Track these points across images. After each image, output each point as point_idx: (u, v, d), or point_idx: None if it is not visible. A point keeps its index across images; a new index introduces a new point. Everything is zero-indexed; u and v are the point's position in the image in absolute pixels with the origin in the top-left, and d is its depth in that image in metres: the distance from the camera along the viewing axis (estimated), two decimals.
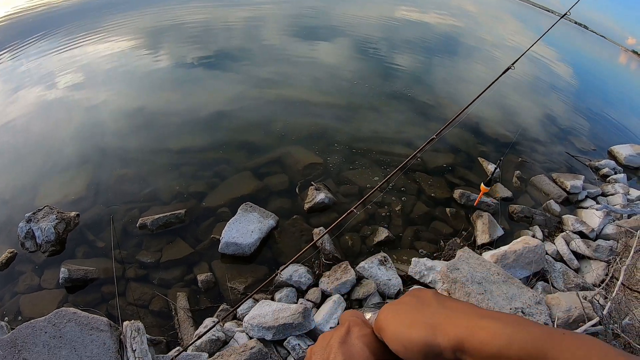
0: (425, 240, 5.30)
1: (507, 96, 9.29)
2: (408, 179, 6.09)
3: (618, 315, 3.76)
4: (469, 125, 7.63)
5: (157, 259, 4.66)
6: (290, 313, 3.73)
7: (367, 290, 4.29)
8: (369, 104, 7.94)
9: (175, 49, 9.54)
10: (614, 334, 3.64)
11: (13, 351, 3.26)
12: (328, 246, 4.80)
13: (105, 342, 3.45)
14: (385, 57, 10.56)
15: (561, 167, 7.06)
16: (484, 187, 4.91)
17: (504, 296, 3.75)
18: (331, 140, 6.66)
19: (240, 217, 4.93)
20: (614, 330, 3.64)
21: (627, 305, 3.92)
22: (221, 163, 6.00)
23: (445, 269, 4.03)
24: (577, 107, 9.79)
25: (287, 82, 8.36)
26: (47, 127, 6.68)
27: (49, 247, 4.64)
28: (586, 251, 5.07)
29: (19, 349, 3.27)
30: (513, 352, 0.55)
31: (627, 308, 3.87)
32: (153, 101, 7.38)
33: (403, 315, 0.71)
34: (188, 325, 4.03)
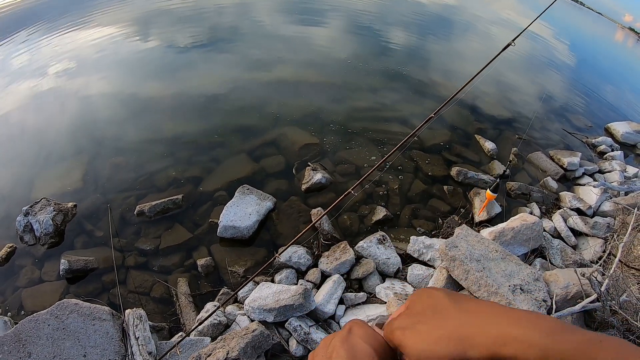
0: (424, 219, 5.30)
1: (504, 74, 9.23)
2: (405, 157, 6.07)
3: (616, 292, 3.79)
4: (466, 102, 7.60)
5: (156, 246, 4.66)
6: (290, 294, 3.74)
7: (366, 270, 4.31)
8: (364, 83, 7.89)
9: (166, 33, 9.42)
10: (612, 310, 3.67)
11: (18, 346, 3.28)
12: (326, 226, 4.80)
13: (108, 331, 3.47)
14: (380, 35, 10.46)
15: (558, 144, 7.05)
16: (490, 193, 4.88)
17: (502, 273, 3.77)
18: (327, 120, 6.62)
19: (238, 200, 4.92)
20: (612, 307, 3.67)
21: (624, 282, 3.95)
22: (216, 147, 5.96)
23: (444, 246, 4.03)
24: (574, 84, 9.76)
25: (281, 62, 8.28)
26: (40, 119, 6.62)
27: (48, 240, 4.63)
28: (583, 228, 5.08)
29: (24, 343, 3.29)
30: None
31: (624, 285, 3.90)
32: (145, 88, 7.30)
33: (424, 330, 0.68)
34: (190, 311, 4.05)
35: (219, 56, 8.47)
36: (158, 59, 8.32)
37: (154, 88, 7.29)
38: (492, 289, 3.62)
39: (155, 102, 6.90)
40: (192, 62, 8.19)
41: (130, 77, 7.72)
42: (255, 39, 9.37)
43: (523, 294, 3.59)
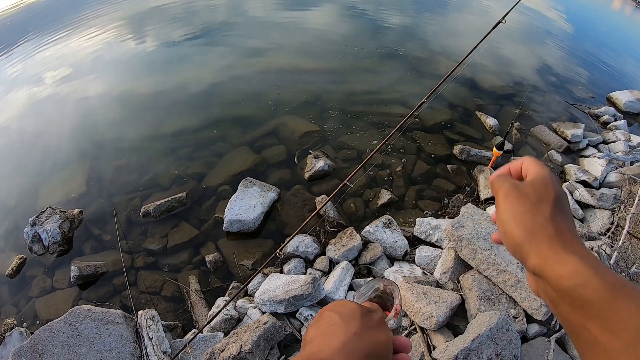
0: (429, 199, 5.29)
1: (502, 48, 9.13)
2: (407, 139, 6.04)
3: (625, 264, 3.77)
4: (465, 80, 7.53)
5: (164, 245, 4.69)
6: (299, 284, 3.75)
7: (374, 254, 4.31)
8: (361, 65, 7.82)
9: (158, 31, 9.34)
10: None
11: (34, 356, 3.32)
12: (332, 213, 4.79)
13: (122, 334, 3.49)
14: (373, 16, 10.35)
15: (561, 117, 6.97)
16: (497, 150, 4.85)
17: None
18: (326, 106, 6.58)
19: (242, 194, 4.92)
20: None
21: (633, 253, 3.93)
22: (217, 141, 5.95)
23: (450, 227, 4.02)
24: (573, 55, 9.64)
25: (276, 51, 8.21)
26: (40, 127, 6.65)
27: (57, 248, 4.69)
28: (590, 200, 5.04)
29: (40, 352, 3.33)
30: (587, 293, 0.56)
31: (633, 256, 3.88)
32: (142, 87, 7.27)
33: (519, 205, 0.69)
34: (201, 307, 4.07)
35: (213, 49, 8.41)
36: (153, 57, 8.28)
37: (150, 86, 7.26)
38: (501, 267, 3.61)
39: (153, 100, 6.88)
40: (186, 57, 8.14)
41: (126, 77, 7.68)
42: (247, 28, 9.29)
43: None
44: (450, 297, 3.61)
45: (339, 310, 0.79)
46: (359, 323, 0.75)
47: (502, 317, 3.21)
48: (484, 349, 3.03)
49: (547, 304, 0.65)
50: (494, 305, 3.59)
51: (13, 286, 4.49)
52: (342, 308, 0.80)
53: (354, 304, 0.82)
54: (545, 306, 3.38)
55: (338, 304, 0.82)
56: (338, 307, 0.81)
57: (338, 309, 0.80)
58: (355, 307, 0.80)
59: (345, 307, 0.80)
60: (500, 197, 0.72)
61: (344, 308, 0.80)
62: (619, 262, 3.72)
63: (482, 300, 3.60)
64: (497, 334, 3.12)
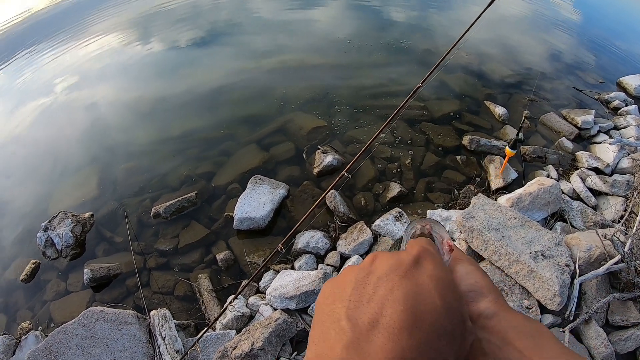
0: (439, 191, 5.25)
1: (509, 36, 9.04)
2: (415, 131, 6.01)
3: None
4: (472, 69, 7.47)
5: (175, 245, 4.72)
6: (310, 280, 3.76)
7: (385, 248, 4.30)
8: (367, 60, 7.78)
9: (164, 34, 9.35)
10: (637, 271, 3.61)
11: (49, 358, 3.37)
12: (342, 208, 4.78)
13: (135, 334, 3.52)
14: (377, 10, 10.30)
15: (570, 103, 6.88)
16: (510, 150, 4.75)
17: (522, 240, 3.72)
18: (332, 101, 6.56)
19: (251, 191, 4.92)
20: (637, 267, 3.60)
21: None
22: (225, 140, 5.96)
23: (461, 218, 3.99)
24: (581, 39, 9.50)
25: (281, 49, 8.19)
26: (50, 134, 6.72)
27: (70, 251, 4.76)
28: (603, 187, 4.98)
29: (55, 354, 3.36)
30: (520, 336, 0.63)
31: None
32: (150, 90, 7.30)
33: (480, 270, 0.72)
34: (214, 306, 4.09)
35: (220, 49, 8.42)
36: (159, 60, 8.30)
37: (158, 89, 7.28)
38: (513, 258, 3.58)
39: (161, 102, 6.91)
40: (193, 59, 8.15)
41: (134, 81, 7.72)
42: (252, 28, 9.27)
43: (545, 260, 3.54)
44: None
45: (334, 290, 0.60)
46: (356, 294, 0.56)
47: (515, 308, 3.18)
48: None
49: None
50: (507, 297, 3.57)
51: (28, 291, 4.56)
52: (337, 286, 0.60)
53: (354, 270, 0.61)
54: (559, 296, 3.35)
55: (334, 282, 0.62)
56: (334, 284, 0.61)
57: (331, 289, 0.61)
58: (353, 274, 0.60)
59: (342, 281, 0.61)
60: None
61: (340, 285, 0.60)
62: (633, 250, 3.67)
63: None
64: None
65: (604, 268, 3.63)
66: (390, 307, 0.51)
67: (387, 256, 0.60)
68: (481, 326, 0.64)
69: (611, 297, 3.60)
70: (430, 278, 0.55)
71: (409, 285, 0.53)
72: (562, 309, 3.52)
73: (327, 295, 0.60)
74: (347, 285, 0.58)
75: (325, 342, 0.53)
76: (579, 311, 3.60)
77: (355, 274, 0.59)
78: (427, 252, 0.61)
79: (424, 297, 0.53)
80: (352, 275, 0.59)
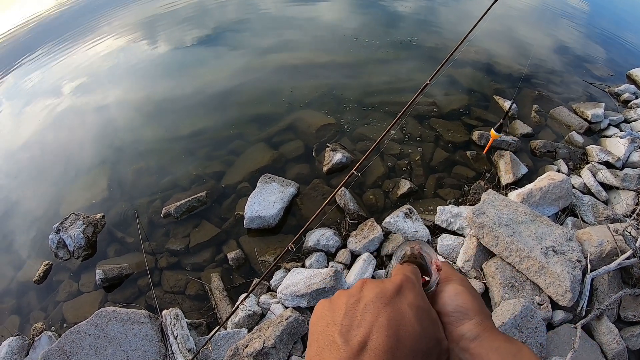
0: (449, 187, 5.24)
1: (517, 30, 8.98)
2: (424, 127, 5.99)
3: None
4: (481, 64, 7.43)
5: (186, 245, 4.76)
6: (321, 278, 3.76)
7: (395, 245, 4.30)
8: (375, 56, 7.75)
9: (171, 34, 9.38)
10: None
11: (62, 358, 3.40)
12: (352, 205, 4.79)
13: (148, 333, 3.54)
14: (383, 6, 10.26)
15: (580, 97, 6.82)
16: (494, 133, 4.75)
17: (533, 236, 3.72)
18: (341, 99, 6.55)
19: (261, 190, 4.94)
20: None
21: None
22: (234, 139, 5.97)
23: (471, 214, 3.99)
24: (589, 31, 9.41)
25: (289, 47, 8.18)
26: (60, 136, 6.78)
27: (82, 252, 4.81)
28: (614, 181, 4.95)
29: (67, 355, 3.40)
30: None
31: None
32: (158, 90, 7.33)
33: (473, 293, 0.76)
34: (225, 304, 4.11)
35: (227, 49, 8.42)
36: (167, 61, 8.33)
37: (166, 89, 7.31)
38: (524, 254, 3.57)
39: (170, 103, 6.94)
40: (201, 58, 8.18)
41: (142, 82, 7.76)
42: (260, 26, 9.26)
43: (556, 256, 3.53)
44: (473, 285, 3.58)
45: (323, 314, 0.69)
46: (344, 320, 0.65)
47: (526, 305, 3.18)
48: None
49: None
50: (518, 293, 3.56)
51: (41, 292, 4.61)
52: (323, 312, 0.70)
53: (344, 295, 0.70)
54: (571, 292, 3.34)
55: (321, 308, 0.71)
56: (323, 309, 0.70)
57: (320, 313, 0.70)
58: (341, 302, 0.69)
59: (327, 307, 0.70)
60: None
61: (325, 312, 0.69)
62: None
63: (506, 288, 3.57)
64: (522, 321, 3.09)
65: (615, 263, 3.61)
66: (376, 332, 0.60)
67: (374, 284, 0.69)
68: (463, 348, 0.71)
69: (623, 293, 3.58)
70: (410, 306, 0.65)
71: (392, 313, 0.63)
72: (574, 305, 3.51)
73: (320, 317, 0.69)
74: (339, 309, 0.67)
75: (322, 358, 0.62)
76: (591, 307, 3.58)
77: (346, 300, 0.68)
78: (409, 280, 0.70)
79: (405, 323, 0.62)
80: (344, 300, 0.68)
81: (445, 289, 0.76)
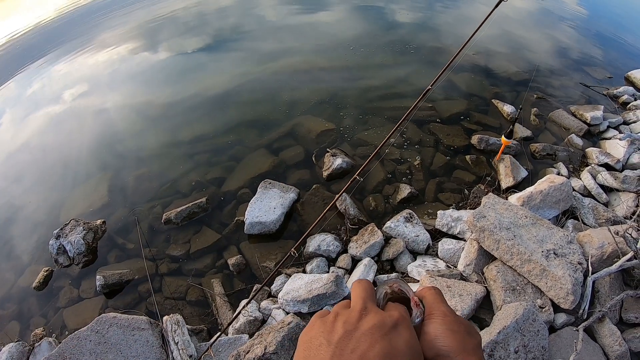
0: (449, 191, 5.25)
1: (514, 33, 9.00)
2: (424, 131, 6.00)
3: None
4: (479, 68, 7.45)
5: (187, 250, 4.76)
6: (322, 283, 3.76)
7: (396, 250, 4.30)
8: (374, 61, 7.77)
9: (171, 41, 9.41)
10: None
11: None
12: (352, 210, 4.79)
13: (148, 339, 3.54)
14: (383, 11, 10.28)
15: (579, 100, 6.83)
16: (505, 139, 4.79)
17: (534, 239, 3.71)
18: (341, 104, 6.57)
19: (261, 196, 4.94)
20: None
21: None
22: (234, 145, 5.99)
23: (472, 218, 3.98)
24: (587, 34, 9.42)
25: (288, 53, 8.20)
26: (61, 143, 6.81)
27: (82, 259, 4.81)
28: (614, 183, 4.95)
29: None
30: None
31: None
32: (158, 97, 7.37)
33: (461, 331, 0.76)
34: (226, 310, 4.11)
35: (227, 55, 8.46)
36: (167, 68, 8.35)
37: (166, 96, 7.34)
38: (525, 257, 3.57)
39: (170, 109, 6.96)
40: (200, 65, 8.20)
41: (142, 89, 7.79)
42: (259, 32, 9.29)
43: (557, 259, 3.53)
44: (474, 289, 3.59)
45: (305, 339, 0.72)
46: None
47: (528, 308, 3.17)
48: (510, 340, 3.00)
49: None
50: (520, 296, 3.56)
51: (41, 298, 4.61)
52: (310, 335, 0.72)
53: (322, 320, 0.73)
54: (572, 294, 3.33)
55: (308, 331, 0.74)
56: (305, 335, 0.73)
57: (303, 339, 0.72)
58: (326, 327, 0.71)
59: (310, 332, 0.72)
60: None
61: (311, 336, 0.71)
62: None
63: (508, 291, 3.57)
64: (524, 325, 3.08)
65: (616, 265, 3.60)
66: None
67: (373, 313, 0.72)
68: None
69: (625, 295, 3.57)
70: (405, 344, 0.67)
71: (388, 346, 0.65)
72: (576, 307, 3.50)
73: (314, 337, 0.70)
74: (335, 332, 0.68)
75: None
76: (593, 309, 3.58)
77: (343, 324, 0.70)
78: (405, 319, 0.73)
79: (398, 356, 0.64)
80: (340, 324, 0.70)
81: (426, 331, 0.76)
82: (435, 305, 0.81)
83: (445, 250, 4.26)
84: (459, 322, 0.78)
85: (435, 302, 0.81)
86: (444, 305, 0.81)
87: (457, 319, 0.78)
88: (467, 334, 0.76)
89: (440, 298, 0.83)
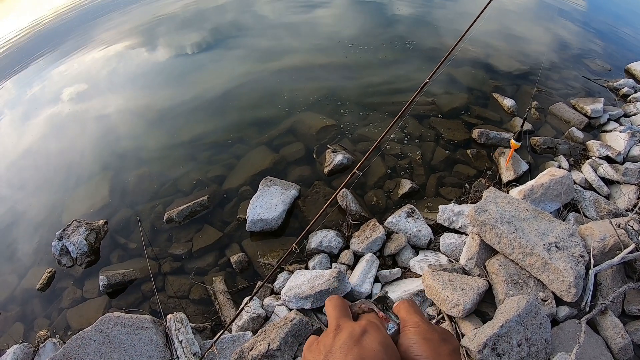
0: (450, 186, 5.25)
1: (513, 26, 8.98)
2: (424, 126, 6.00)
3: None
4: (479, 62, 7.44)
5: (189, 249, 4.77)
6: (325, 279, 3.76)
7: (398, 245, 4.30)
8: (373, 57, 7.75)
9: (170, 41, 9.38)
10: None
11: None
12: (353, 206, 4.79)
13: (152, 338, 3.55)
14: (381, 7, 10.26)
15: (579, 92, 6.82)
16: (515, 142, 4.78)
17: (535, 232, 3.71)
18: (341, 100, 6.56)
19: (262, 193, 4.95)
20: None
21: None
22: (235, 143, 6.00)
23: (473, 212, 3.98)
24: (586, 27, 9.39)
25: (288, 50, 8.18)
26: (62, 144, 6.80)
27: (85, 259, 4.82)
28: (615, 176, 4.94)
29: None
30: None
31: None
32: (159, 96, 7.36)
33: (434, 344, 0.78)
34: (229, 308, 4.11)
35: (226, 53, 8.45)
36: (167, 67, 8.33)
37: (167, 95, 7.33)
38: (527, 250, 3.57)
39: (170, 108, 6.95)
40: (200, 64, 8.19)
41: (142, 89, 7.78)
42: (259, 30, 9.28)
43: (559, 252, 3.53)
44: (477, 283, 3.59)
45: None
46: None
47: (530, 301, 3.17)
48: (513, 334, 3.00)
49: None
50: (522, 289, 3.56)
51: (44, 299, 4.62)
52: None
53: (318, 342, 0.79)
54: (575, 287, 3.34)
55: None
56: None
57: None
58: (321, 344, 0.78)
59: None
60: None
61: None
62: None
63: (510, 285, 3.57)
64: (526, 318, 3.09)
65: (618, 257, 3.60)
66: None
67: (346, 328, 0.78)
68: None
69: (627, 287, 3.57)
70: (377, 343, 0.72)
71: (360, 351, 0.70)
72: (578, 300, 3.50)
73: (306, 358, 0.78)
74: (320, 352, 0.75)
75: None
76: (595, 302, 3.58)
77: (323, 342, 0.77)
78: (371, 323, 0.78)
79: (370, 355, 0.70)
80: (322, 343, 0.77)
81: (400, 343, 0.80)
82: (408, 316, 0.85)
83: (447, 244, 4.27)
84: (433, 330, 0.80)
85: (408, 314, 0.86)
86: (417, 316, 0.84)
87: (431, 328, 0.81)
88: (441, 341, 0.78)
89: (414, 309, 0.87)
